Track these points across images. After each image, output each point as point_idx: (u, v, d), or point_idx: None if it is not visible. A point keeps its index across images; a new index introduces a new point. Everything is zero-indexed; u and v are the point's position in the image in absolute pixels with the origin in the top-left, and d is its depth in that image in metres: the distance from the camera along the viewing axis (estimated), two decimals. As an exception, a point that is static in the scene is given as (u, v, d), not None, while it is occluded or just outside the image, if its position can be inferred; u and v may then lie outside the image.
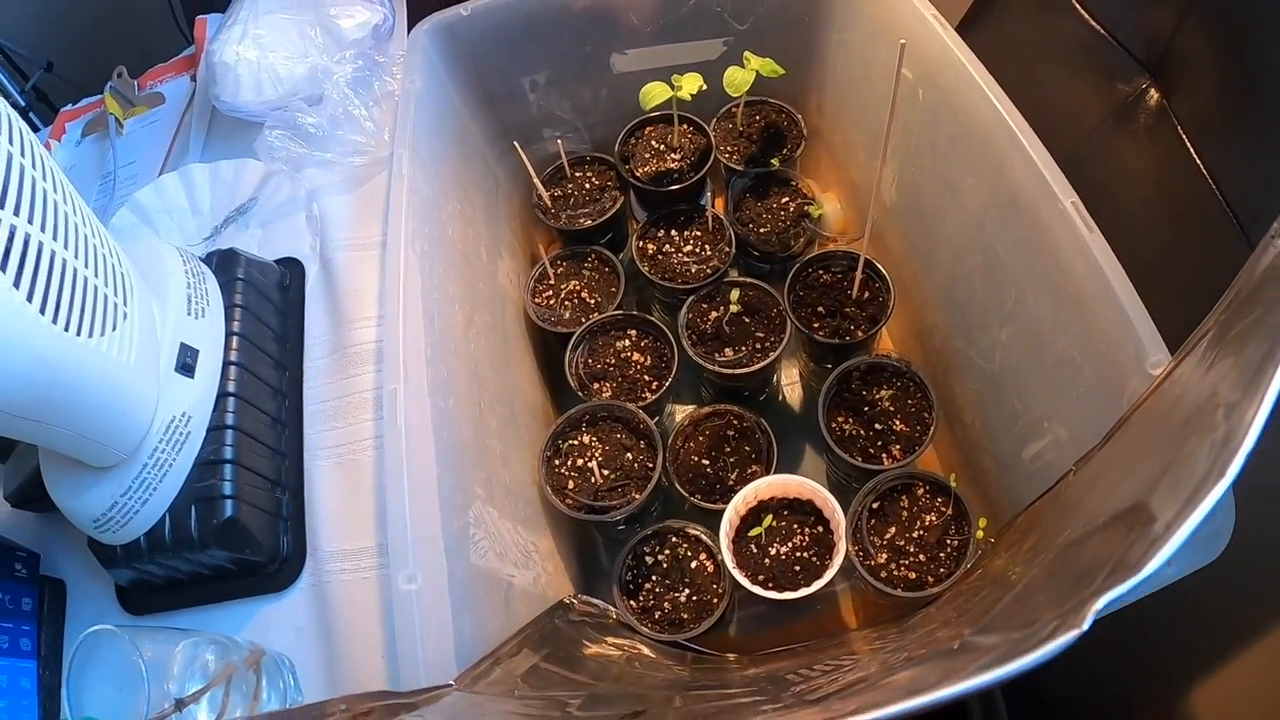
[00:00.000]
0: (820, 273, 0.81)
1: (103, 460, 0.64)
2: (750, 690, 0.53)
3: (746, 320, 0.80)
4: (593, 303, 0.85)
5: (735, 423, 0.77)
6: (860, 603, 0.75)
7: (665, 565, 0.72)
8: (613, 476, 0.73)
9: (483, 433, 0.69)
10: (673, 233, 0.87)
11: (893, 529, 0.67)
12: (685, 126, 0.89)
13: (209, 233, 0.96)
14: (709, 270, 0.82)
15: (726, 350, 0.78)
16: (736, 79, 0.80)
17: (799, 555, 0.69)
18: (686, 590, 0.71)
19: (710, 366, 0.76)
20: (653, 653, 0.66)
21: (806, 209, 0.85)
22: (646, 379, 0.79)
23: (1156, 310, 0.51)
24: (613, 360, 0.81)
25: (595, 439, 0.76)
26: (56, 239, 0.54)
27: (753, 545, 0.70)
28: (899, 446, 0.71)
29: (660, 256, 0.85)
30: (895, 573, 0.65)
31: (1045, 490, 0.58)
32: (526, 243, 0.95)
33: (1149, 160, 0.78)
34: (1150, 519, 0.30)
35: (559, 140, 0.90)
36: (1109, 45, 0.83)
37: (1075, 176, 0.58)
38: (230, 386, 0.72)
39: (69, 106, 1.21)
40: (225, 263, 0.81)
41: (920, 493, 0.68)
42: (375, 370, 0.83)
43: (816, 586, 0.65)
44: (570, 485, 0.74)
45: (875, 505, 0.68)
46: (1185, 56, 0.75)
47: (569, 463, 0.75)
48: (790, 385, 0.88)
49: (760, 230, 0.85)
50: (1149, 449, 0.40)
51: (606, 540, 0.82)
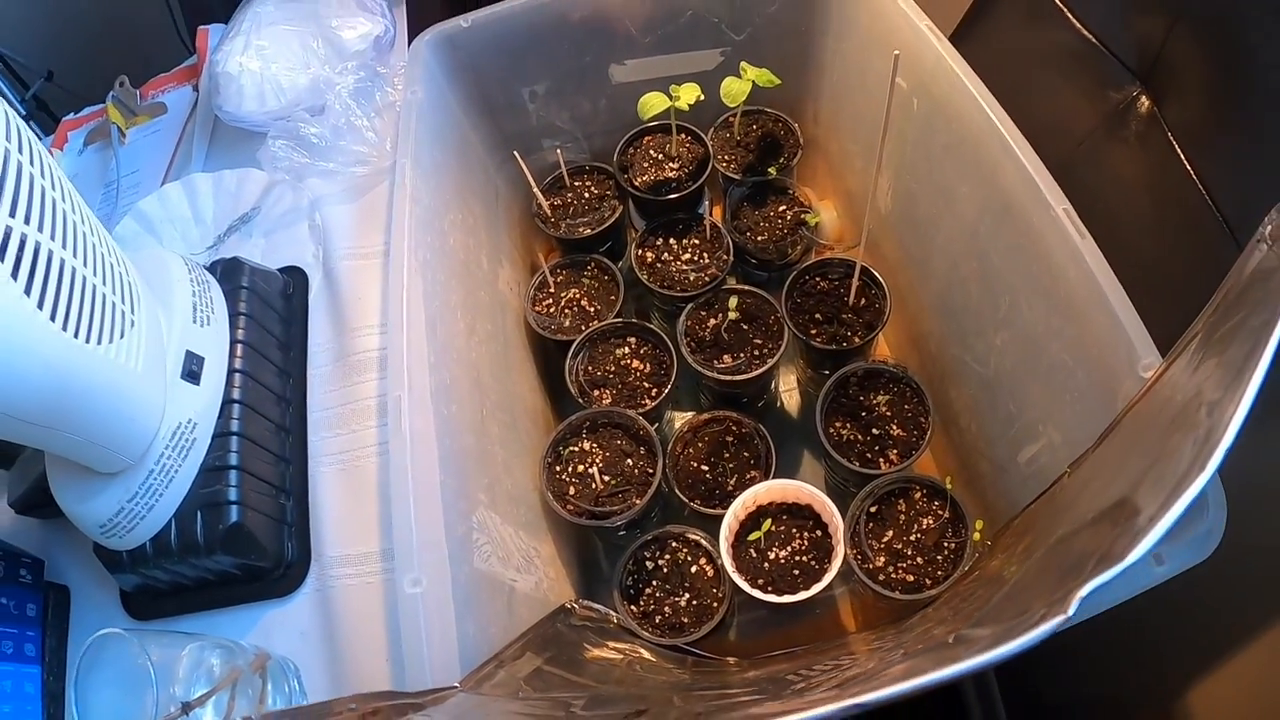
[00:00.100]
0: (817, 280, 0.81)
1: (110, 466, 0.65)
2: (750, 690, 0.53)
3: (745, 327, 0.80)
4: (592, 311, 0.86)
5: (734, 429, 0.78)
6: (859, 606, 0.75)
7: (665, 570, 0.73)
8: (613, 482, 0.74)
9: (485, 439, 0.69)
10: (671, 241, 0.87)
11: (890, 532, 0.67)
12: (683, 136, 0.89)
13: (212, 242, 0.97)
14: (707, 278, 0.82)
15: (725, 357, 0.78)
16: (733, 89, 0.81)
17: (798, 559, 0.69)
18: (686, 595, 0.71)
19: (709, 373, 0.77)
20: (653, 656, 0.67)
21: (803, 217, 0.85)
22: (646, 386, 0.80)
23: (1148, 314, 0.52)
24: (613, 367, 0.81)
25: (596, 445, 0.76)
26: (65, 247, 0.55)
27: (752, 550, 0.70)
28: (896, 451, 0.71)
29: (659, 265, 0.86)
30: (893, 575, 0.65)
31: (1040, 493, 0.58)
32: (526, 251, 0.96)
33: (1140, 167, 0.78)
34: (1135, 512, 0.31)
35: (558, 150, 0.91)
36: (1100, 54, 0.83)
37: (1067, 183, 0.58)
38: (235, 393, 0.73)
39: (71, 115, 1.22)
40: (230, 271, 0.81)
41: (917, 496, 0.68)
42: (378, 378, 0.83)
43: (815, 590, 0.65)
44: (571, 491, 0.74)
45: (873, 509, 0.68)
46: (1175, 64, 0.76)
47: (570, 469, 0.75)
48: (788, 391, 0.89)
49: (758, 238, 0.85)
50: (1138, 448, 0.41)
51: (607, 546, 0.82)
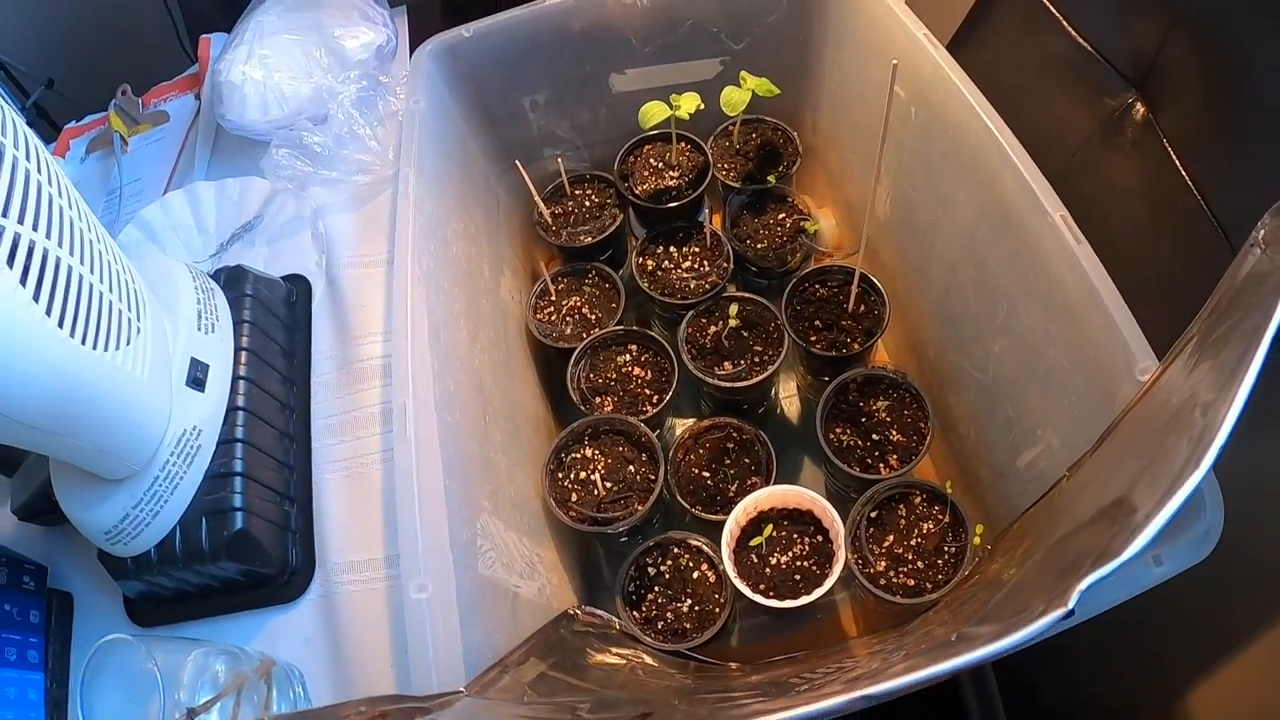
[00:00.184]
0: (817, 287, 0.81)
1: (115, 472, 0.65)
2: (754, 694, 0.54)
3: (745, 334, 0.80)
4: (593, 318, 0.86)
5: (735, 435, 0.78)
6: (860, 611, 0.75)
7: (667, 576, 0.73)
8: (615, 489, 0.74)
9: (488, 446, 0.70)
10: (671, 249, 0.88)
11: (891, 537, 0.67)
12: (683, 145, 0.90)
13: (215, 250, 0.97)
14: (707, 286, 0.83)
15: (726, 364, 0.79)
16: (733, 98, 0.81)
17: (799, 564, 0.69)
18: (689, 600, 0.71)
19: (710, 380, 0.77)
20: (656, 662, 0.67)
21: (803, 225, 0.86)
22: (647, 393, 0.80)
23: (1144, 318, 0.52)
24: (614, 375, 0.81)
25: (598, 452, 0.76)
26: (73, 253, 0.55)
27: (753, 555, 0.70)
28: (896, 456, 0.72)
29: (660, 272, 0.86)
30: (894, 580, 0.65)
31: (1039, 497, 0.59)
32: (527, 259, 0.96)
33: (1136, 173, 0.79)
34: (1132, 511, 0.31)
35: (559, 159, 0.91)
36: (1096, 62, 0.84)
37: (1064, 190, 0.59)
38: (240, 401, 0.73)
39: (73, 123, 1.22)
40: (233, 279, 0.82)
41: (917, 501, 0.68)
42: (382, 385, 0.84)
43: (817, 594, 0.65)
44: (574, 498, 0.74)
45: (873, 514, 0.69)
46: (1170, 72, 0.76)
47: (572, 475, 0.75)
48: (788, 398, 0.89)
49: (758, 246, 0.85)
50: (1135, 450, 0.42)
51: (609, 552, 0.82)
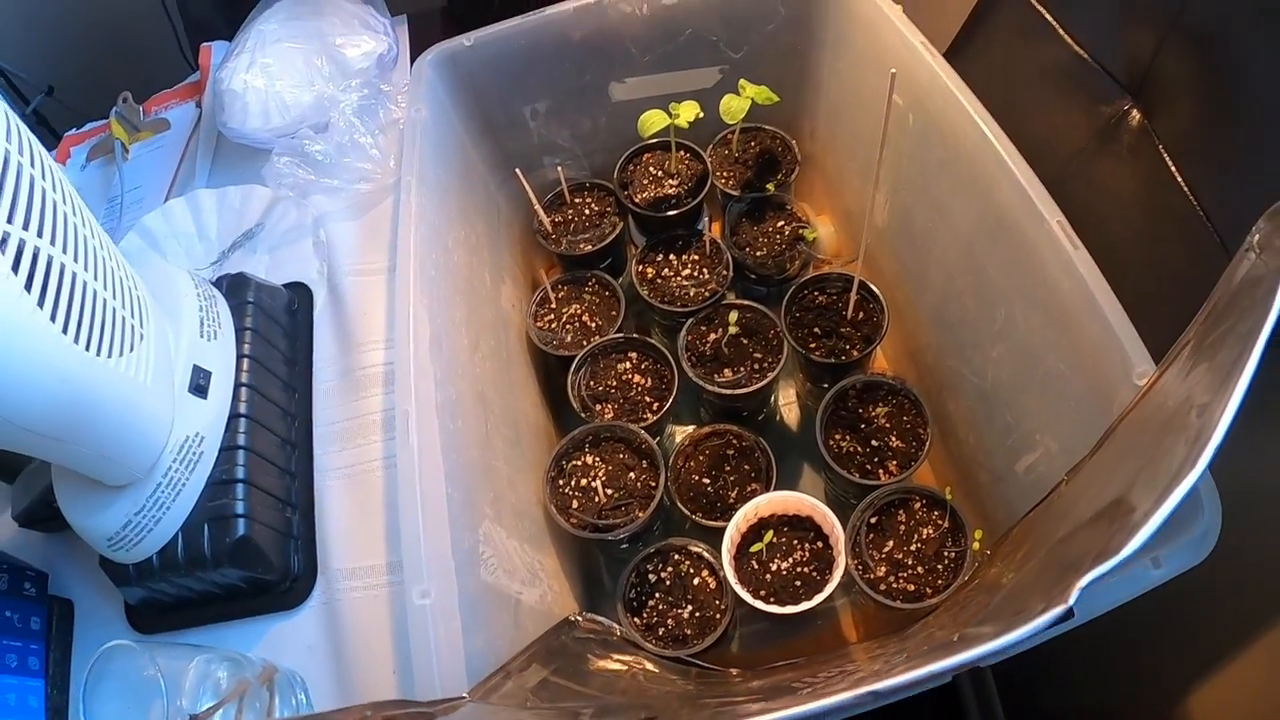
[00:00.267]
0: (816, 294, 0.82)
1: (118, 479, 0.65)
2: (755, 699, 0.54)
3: (744, 342, 0.81)
4: (594, 326, 0.86)
5: (735, 442, 0.78)
6: (860, 617, 0.75)
7: (668, 582, 0.73)
8: (616, 496, 0.74)
9: (489, 453, 0.70)
10: (671, 257, 0.88)
11: (891, 542, 0.68)
12: (682, 153, 0.90)
13: (216, 257, 0.98)
14: (707, 293, 0.83)
15: (725, 371, 0.79)
16: (732, 107, 0.82)
17: (800, 570, 0.69)
18: (689, 607, 0.71)
19: (710, 387, 0.77)
20: (657, 668, 0.67)
21: (801, 232, 0.86)
22: (647, 400, 0.80)
23: (1141, 323, 0.53)
24: (614, 382, 0.82)
25: (598, 459, 0.77)
26: (77, 260, 0.56)
27: (754, 561, 0.70)
28: (895, 462, 0.72)
29: (659, 280, 0.87)
30: (894, 585, 0.66)
31: (1038, 501, 0.59)
32: (528, 268, 0.96)
33: (1132, 179, 0.79)
34: (1130, 510, 0.32)
35: (559, 167, 0.91)
36: (1091, 69, 0.84)
37: (1061, 196, 0.59)
38: (242, 408, 0.74)
39: (73, 131, 1.22)
40: (235, 287, 0.82)
41: (917, 507, 0.69)
42: (383, 393, 0.84)
43: (817, 600, 0.65)
44: (574, 505, 0.74)
45: (873, 520, 0.69)
46: (1165, 79, 0.76)
47: (573, 483, 0.76)
48: (788, 405, 0.89)
49: (757, 254, 0.86)
50: (1133, 453, 0.42)
51: (609, 559, 0.82)
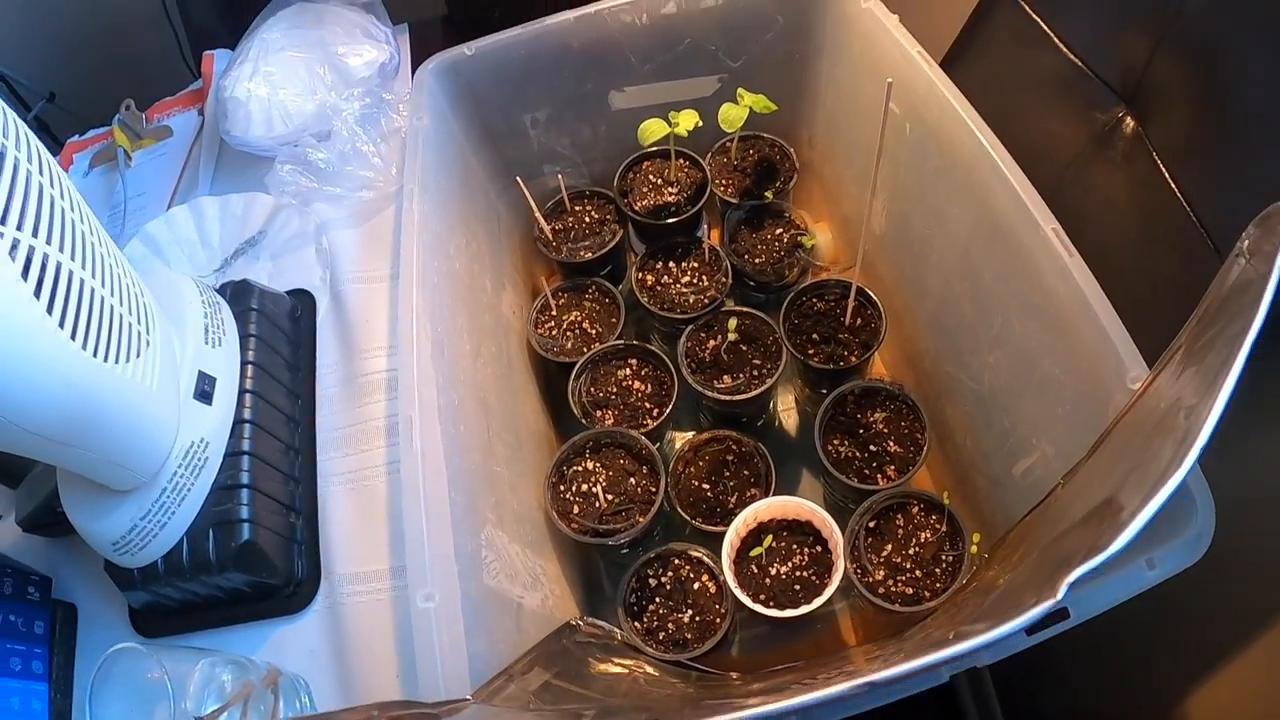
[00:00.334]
0: (814, 301, 0.82)
1: (124, 483, 0.66)
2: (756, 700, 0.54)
3: (744, 348, 0.81)
4: (594, 333, 0.87)
5: (734, 448, 0.78)
6: (859, 620, 0.75)
7: (668, 587, 0.73)
8: (617, 501, 0.74)
9: (491, 459, 0.70)
10: (671, 264, 0.89)
11: (889, 546, 0.68)
12: (682, 161, 0.91)
13: (219, 265, 0.98)
14: (706, 300, 0.84)
15: (725, 377, 0.79)
16: (731, 115, 0.82)
17: (799, 574, 0.70)
18: (689, 611, 0.72)
19: (709, 393, 0.78)
20: (657, 672, 0.67)
21: (800, 240, 0.86)
22: (647, 406, 0.81)
23: (1136, 328, 0.53)
24: (614, 388, 0.82)
25: (599, 465, 0.77)
26: (85, 267, 0.56)
27: (753, 565, 0.71)
28: (893, 467, 0.72)
29: (659, 287, 0.87)
30: (893, 589, 0.66)
31: (1035, 505, 0.59)
32: (528, 275, 0.97)
33: (1126, 186, 0.80)
34: (1119, 509, 0.32)
35: (559, 175, 0.92)
36: (1086, 77, 0.85)
37: (1056, 203, 0.60)
38: (246, 414, 0.74)
39: (76, 138, 1.22)
40: (239, 294, 0.82)
41: (915, 511, 0.69)
42: (386, 399, 0.84)
43: (816, 604, 0.66)
44: (575, 510, 0.75)
45: (872, 524, 0.69)
46: (1158, 86, 0.77)
47: (574, 488, 0.76)
48: (787, 411, 0.90)
49: (755, 261, 0.86)
50: (1126, 456, 0.43)
51: (610, 564, 0.82)
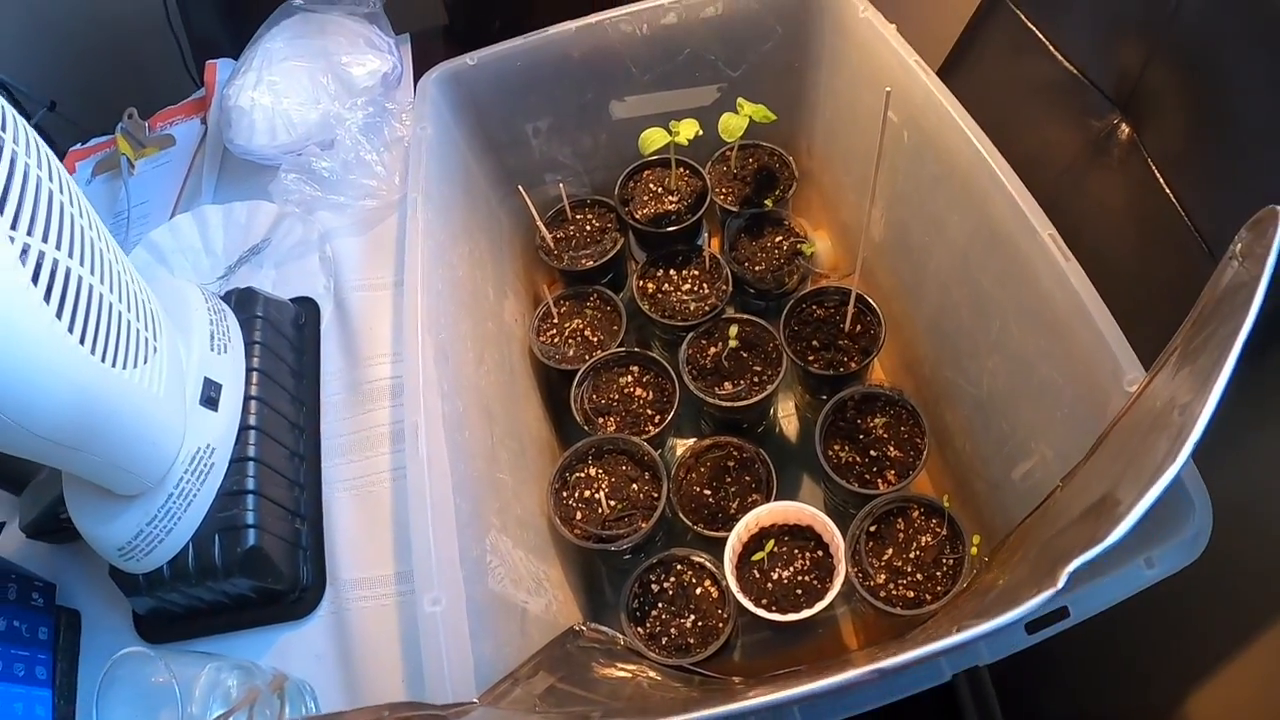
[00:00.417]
0: (814, 308, 0.83)
1: (130, 489, 0.66)
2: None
3: (744, 355, 0.82)
4: (595, 340, 0.87)
5: (735, 454, 0.79)
6: (861, 624, 0.76)
7: (671, 592, 0.73)
8: (619, 507, 0.75)
9: (494, 465, 0.70)
10: (671, 272, 0.89)
11: (890, 550, 0.68)
12: (682, 170, 0.91)
13: (223, 272, 0.98)
14: (707, 308, 0.84)
15: (726, 384, 0.80)
16: (731, 124, 0.83)
17: (800, 579, 0.70)
18: (692, 616, 0.72)
19: (710, 400, 0.78)
20: (660, 677, 0.68)
21: (799, 247, 0.87)
22: (649, 413, 0.81)
23: (1132, 331, 0.54)
24: (616, 395, 0.82)
25: (601, 471, 0.77)
26: (93, 273, 0.56)
27: (755, 570, 0.71)
28: (893, 472, 0.73)
29: (660, 295, 0.88)
30: (894, 592, 0.66)
31: (1035, 507, 0.60)
32: (530, 283, 0.97)
33: (1122, 192, 0.80)
34: (1115, 504, 0.33)
35: (560, 184, 0.92)
36: (1081, 84, 0.86)
37: (1053, 209, 0.61)
38: (251, 420, 0.74)
39: (79, 146, 1.22)
40: (244, 301, 0.83)
41: (915, 515, 0.70)
42: (390, 405, 0.85)
43: (818, 608, 0.66)
44: (578, 516, 0.75)
45: (872, 528, 0.70)
46: (1153, 93, 0.78)
47: (576, 494, 0.76)
48: (787, 417, 0.90)
49: (756, 268, 0.87)
50: (1123, 456, 0.43)
51: (612, 570, 0.83)
